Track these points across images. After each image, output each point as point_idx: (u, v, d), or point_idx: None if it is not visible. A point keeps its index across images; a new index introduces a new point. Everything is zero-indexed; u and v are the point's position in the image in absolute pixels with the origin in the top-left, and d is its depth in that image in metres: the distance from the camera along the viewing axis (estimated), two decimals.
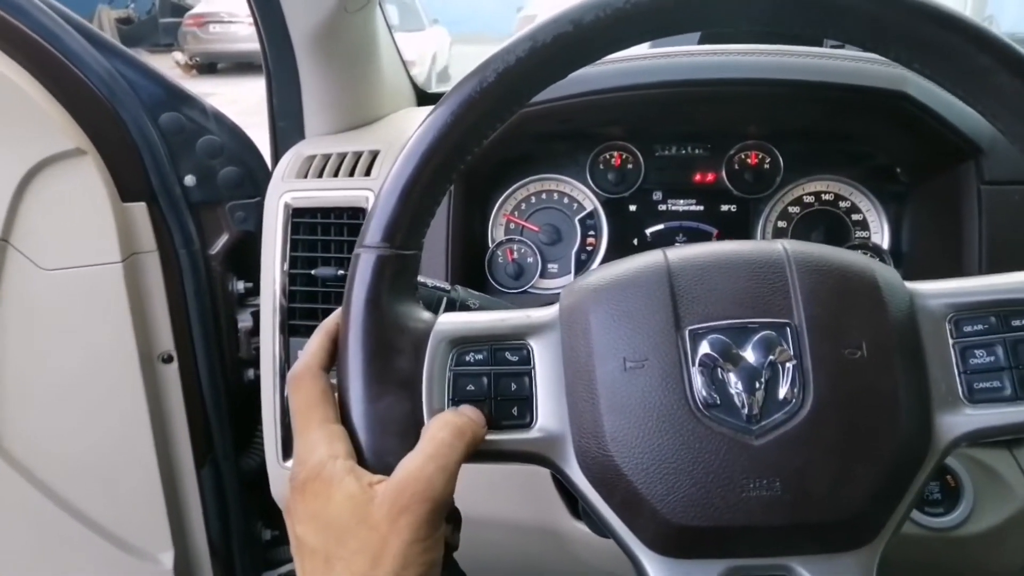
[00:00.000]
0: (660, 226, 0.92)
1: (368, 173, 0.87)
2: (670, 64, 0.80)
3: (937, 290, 0.47)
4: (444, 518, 0.43)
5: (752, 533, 0.42)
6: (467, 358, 0.47)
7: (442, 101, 0.47)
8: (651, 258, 0.48)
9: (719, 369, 0.43)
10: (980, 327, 0.45)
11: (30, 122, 0.91)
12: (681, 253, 0.48)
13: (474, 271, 0.92)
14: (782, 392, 0.43)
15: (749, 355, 0.44)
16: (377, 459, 0.44)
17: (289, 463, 0.90)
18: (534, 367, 0.47)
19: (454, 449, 0.43)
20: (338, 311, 0.48)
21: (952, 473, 0.72)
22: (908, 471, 0.43)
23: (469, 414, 0.45)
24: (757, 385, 0.43)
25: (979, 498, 0.71)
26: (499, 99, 0.47)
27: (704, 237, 0.91)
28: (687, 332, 0.44)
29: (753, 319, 0.44)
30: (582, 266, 0.93)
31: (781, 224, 0.89)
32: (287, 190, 0.88)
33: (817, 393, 0.42)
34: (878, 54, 0.45)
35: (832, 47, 0.82)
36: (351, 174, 0.88)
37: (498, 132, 0.48)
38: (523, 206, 0.94)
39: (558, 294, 0.48)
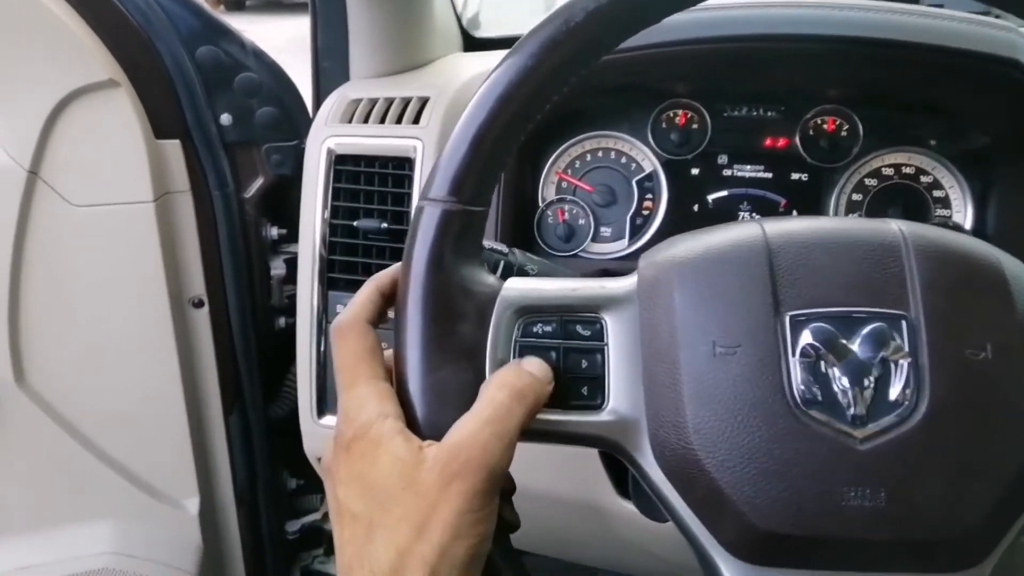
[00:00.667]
0: (724, 192, 0.86)
1: (416, 121, 0.82)
2: (749, 16, 0.73)
3: None
4: (499, 490, 0.40)
5: (847, 546, 0.38)
6: (535, 329, 0.43)
7: (521, 42, 0.42)
8: (747, 230, 0.43)
9: (822, 362, 0.39)
10: None
11: (62, 50, 0.86)
12: (781, 227, 0.43)
13: (522, 232, 0.87)
14: (894, 393, 0.38)
15: (857, 348, 0.39)
16: (433, 431, 0.41)
17: (324, 419, 0.87)
18: (607, 344, 0.43)
19: (512, 414, 0.40)
20: (393, 266, 0.45)
21: None
22: None
23: (533, 370, 0.42)
24: (866, 383, 0.38)
25: None
26: (586, 42, 0.43)
27: (771, 207, 0.85)
28: (787, 318, 0.40)
29: (864, 308, 0.40)
30: (637, 231, 0.88)
31: (856, 197, 0.83)
32: (331, 135, 0.83)
33: (934, 396, 0.38)
34: (989, 4, 0.39)
35: (931, 4, 0.75)
36: (398, 121, 0.82)
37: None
38: (577, 164, 0.88)
39: (609, 259, 0.44)
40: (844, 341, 0.39)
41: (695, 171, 0.87)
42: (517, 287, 0.45)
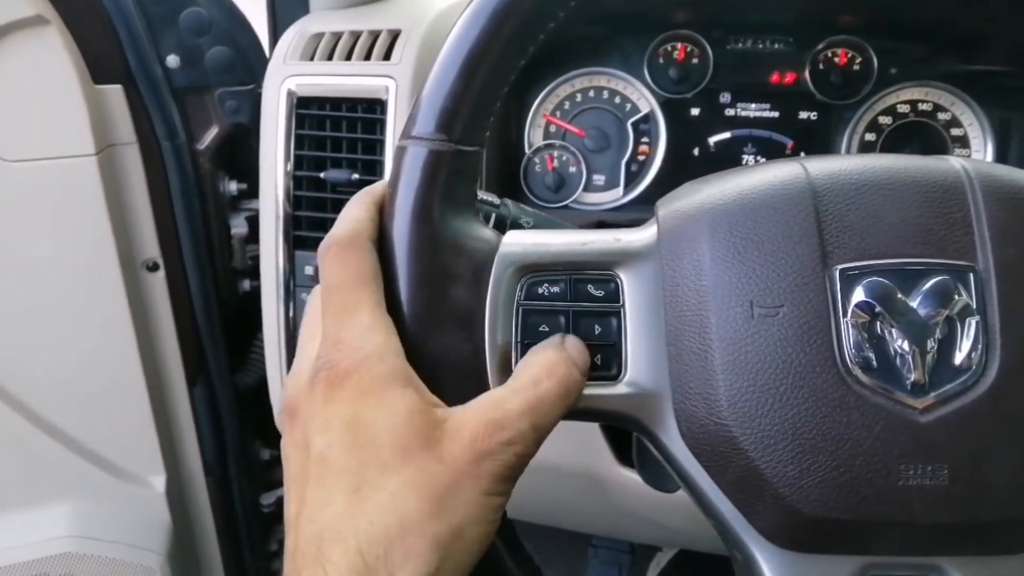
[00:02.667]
0: (726, 134, 0.79)
1: (387, 57, 0.73)
2: None
3: None
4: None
5: (904, 529, 0.34)
6: (539, 290, 0.38)
7: None
8: (787, 171, 0.38)
9: (878, 322, 0.34)
10: None
11: None
12: (827, 166, 0.38)
13: (507, 181, 0.79)
14: (959, 356, 0.34)
15: (918, 306, 0.34)
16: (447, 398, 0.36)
17: None
18: (624, 305, 0.38)
19: (555, 410, 0.35)
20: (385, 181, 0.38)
21: None
22: None
23: (577, 360, 0.36)
24: (928, 345, 0.34)
25: None
26: None
27: (777, 149, 0.78)
28: (837, 272, 0.35)
29: (925, 260, 0.35)
30: (632, 179, 0.80)
31: (869, 137, 0.77)
32: (290, 74, 0.74)
33: (1004, 360, 0.33)
34: None
35: None
36: (367, 57, 0.73)
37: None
38: (566, 105, 0.81)
39: (603, 210, 0.39)
40: (903, 297, 0.34)
41: (695, 111, 0.80)
42: (518, 241, 0.39)
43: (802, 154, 0.79)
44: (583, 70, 0.80)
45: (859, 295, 0.34)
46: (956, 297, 0.34)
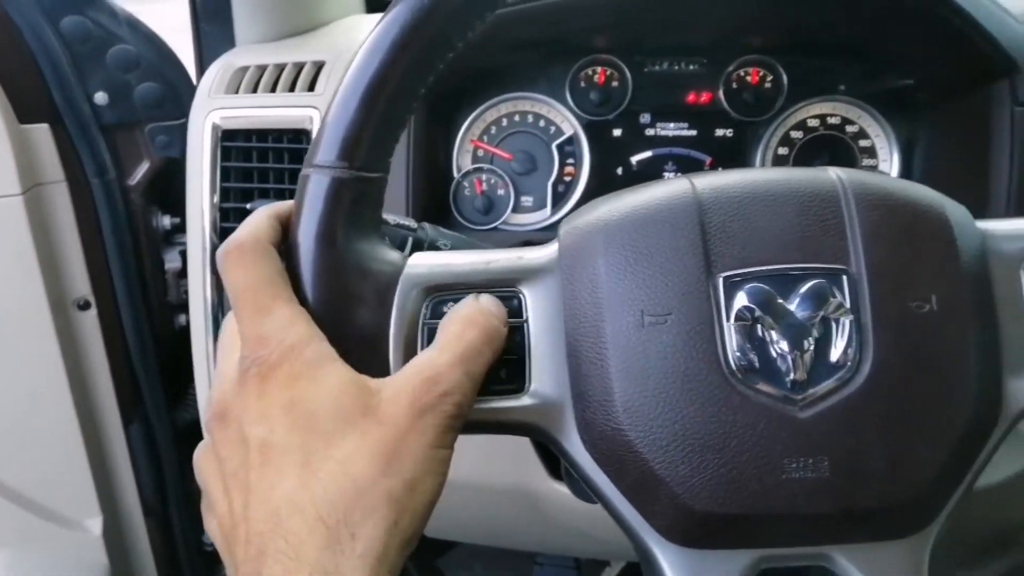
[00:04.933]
0: (648, 153, 0.82)
1: (312, 88, 0.74)
2: None
3: (1012, 231, 0.39)
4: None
5: (790, 521, 0.36)
6: (445, 309, 0.39)
7: None
8: (675, 187, 0.40)
9: (759, 325, 0.36)
10: None
11: None
12: (712, 181, 0.40)
13: (437, 206, 0.80)
14: (835, 354, 0.35)
15: (796, 308, 0.36)
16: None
17: None
18: (527, 320, 0.39)
19: (482, 355, 0.37)
20: (288, 203, 0.39)
21: None
22: (973, 445, 0.37)
23: (494, 311, 0.38)
24: (805, 345, 0.36)
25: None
26: None
27: (696, 166, 0.81)
28: (720, 280, 0.37)
29: (802, 265, 0.37)
30: (559, 199, 0.82)
31: (782, 151, 0.80)
32: (215, 108, 0.74)
33: (877, 355, 0.35)
34: None
35: None
36: (291, 89, 0.74)
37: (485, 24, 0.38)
38: (493, 130, 0.82)
39: (532, 231, 0.40)
40: (781, 301, 0.36)
41: (617, 132, 0.82)
42: (423, 263, 0.40)
43: (719, 169, 0.81)
44: (508, 95, 0.82)
45: (741, 300, 0.36)
46: (831, 299, 0.36)
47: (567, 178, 0.82)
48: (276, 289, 0.36)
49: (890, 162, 0.78)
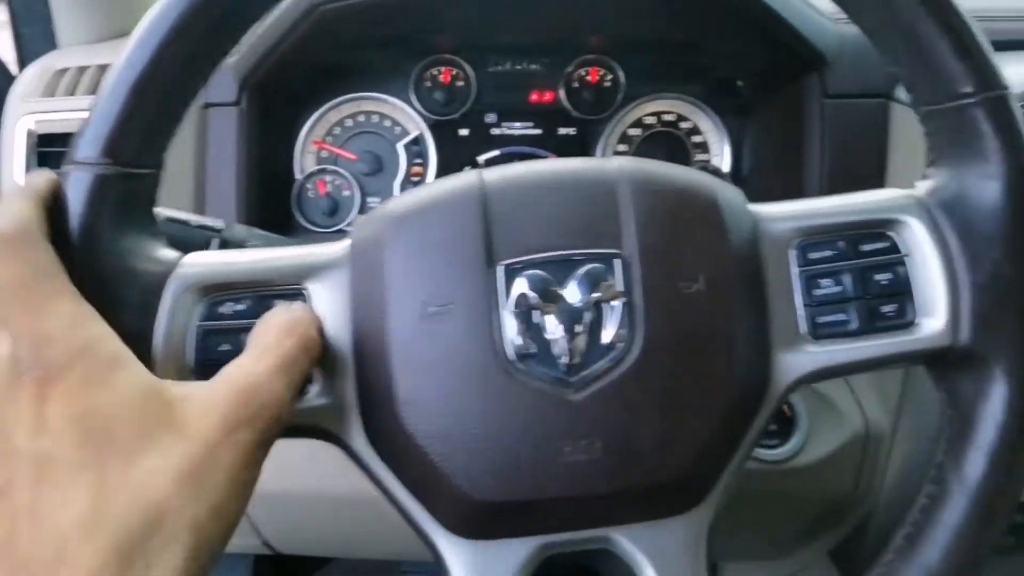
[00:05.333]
0: (494, 152, 0.83)
1: None
2: None
3: (783, 212, 0.41)
4: None
5: (568, 504, 0.36)
6: (222, 309, 0.38)
7: None
8: (463, 179, 0.40)
9: (536, 311, 0.36)
10: (828, 253, 0.40)
11: None
12: (500, 173, 0.40)
13: (278, 210, 0.78)
14: (607, 336, 0.36)
15: (570, 293, 0.36)
16: None
17: None
18: None
19: (299, 364, 0.35)
20: (45, 173, 0.36)
21: (788, 404, 0.69)
22: (743, 420, 0.38)
23: (310, 318, 0.37)
24: (578, 329, 0.36)
25: (813, 428, 0.69)
26: None
27: None
28: (500, 268, 0.37)
29: (578, 250, 0.37)
30: None
31: (621, 148, 0.82)
32: (28, 112, 0.70)
33: (647, 336, 0.36)
34: None
35: None
36: (93, 92, 0.71)
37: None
38: (337, 131, 0.81)
39: None
40: (557, 287, 0.37)
41: (464, 131, 0.82)
42: (199, 261, 0.39)
43: None
44: (352, 95, 0.81)
45: (521, 287, 0.36)
46: (604, 282, 0.36)
47: (415, 178, 0.82)
48: (54, 283, 0.32)
49: (722, 156, 0.82)
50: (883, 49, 0.39)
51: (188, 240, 0.50)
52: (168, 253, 0.39)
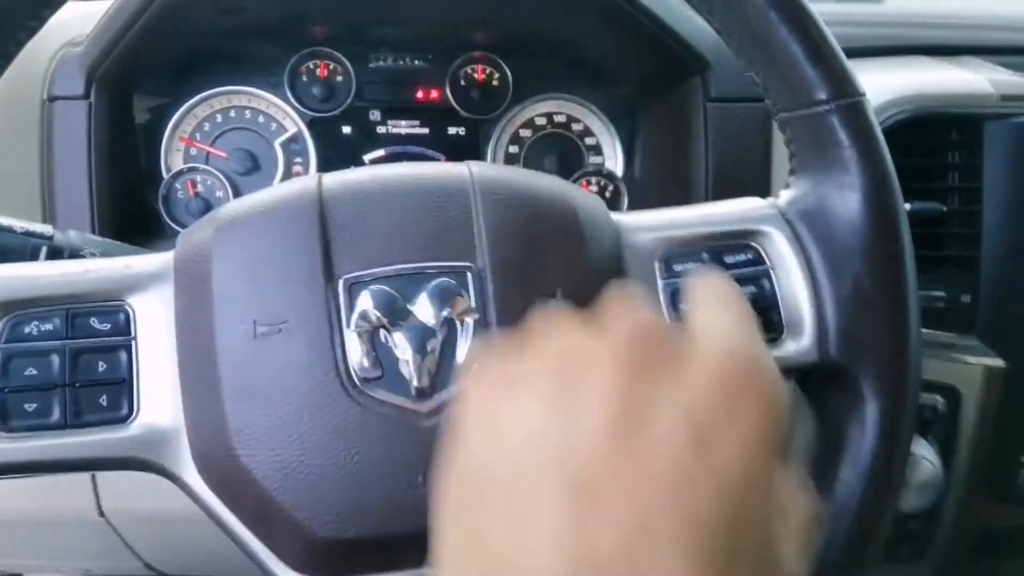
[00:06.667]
0: (380, 151, 0.79)
1: None
2: None
3: (646, 222, 0.40)
4: None
5: (422, 540, 0.33)
6: (27, 329, 0.34)
7: None
8: (299, 184, 0.37)
9: (382, 330, 0.34)
10: (691, 265, 0.39)
11: None
12: (341, 178, 0.37)
13: (143, 212, 0.72)
14: (461, 355, 0.34)
15: (420, 310, 0.34)
16: None
17: None
18: (135, 337, 0.35)
19: None
20: None
21: None
22: None
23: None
24: (429, 348, 0.34)
25: None
26: None
27: None
28: (341, 283, 0.34)
29: (427, 263, 0.35)
30: None
31: (513, 149, 0.80)
32: None
33: None
34: None
35: None
36: None
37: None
38: (206, 127, 0.76)
39: None
40: (406, 304, 0.34)
41: (346, 129, 0.78)
42: (3, 275, 0.35)
43: None
44: (220, 89, 0.75)
45: (364, 303, 0.34)
46: (457, 298, 0.34)
47: (296, 177, 0.77)
48: None
49: (615, 159, 0.81)
50: (739, 54, 0.39)
51: (11, 249, 0.45)
52: None
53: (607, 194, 0.79)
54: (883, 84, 0.63)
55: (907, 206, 0.56)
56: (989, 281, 0.63)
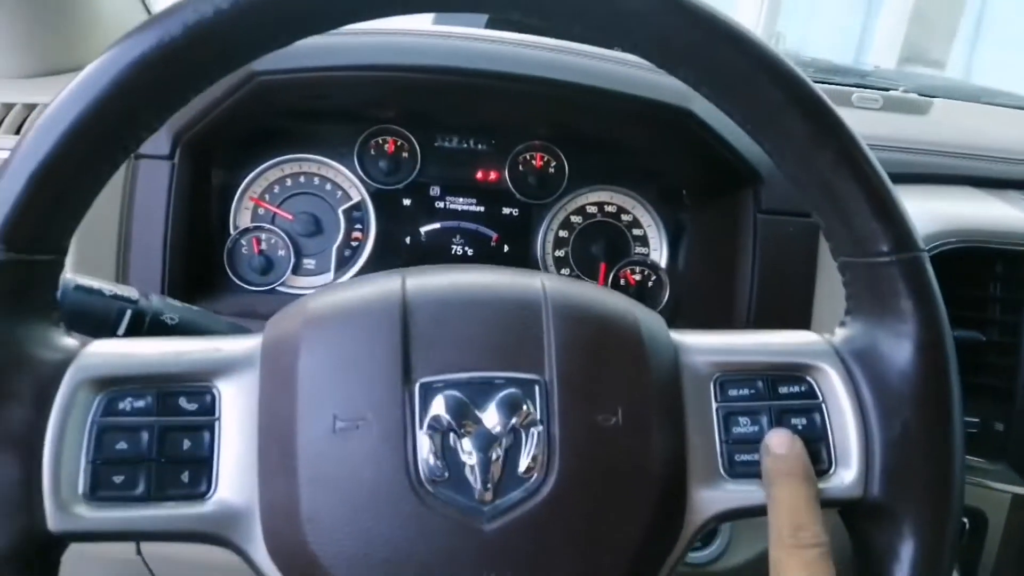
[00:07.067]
0: (436, 225, 0.82)
1: None
2: (444, 47, 0.69)
3: (704, 345, 0.42)
4: None
5: None
6: (121, 405, 0.36)
7: (107, 50, 0.34)
8: (386, 284, 0.39)
9: (452, 434, 0.35)
10: (746, 391, 0.40)
11: None
12: (423, 282, 0.39)
13: (209, 265, 0.76)
14: (523, 464, 0.35)
15: (488, 418, 0.36)
16: None
17: None
18: (219, 418, 0.37)
19: None
20: None
21: None
22: (658, 555, 0.38)
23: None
24: (494, 455, 0.35)
25: (736, 533, 0.70)
26: (188, 61, 0.35)
27: (484, 241, 0.82)
28: (417, 386, 0.36)
29: (499, 373, 0.36)
30: (345, 263, 0.81)
31: (563, 233, 0.83)
32: None
33: (563, 468, 0.35)
34: (666, 71, 0.39)
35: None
36: (17, 132, 0.68)
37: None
38: (276, 189, 0.80)
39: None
40: (476, 411, 0.36)
41: (407, 202, 0.82)
42: (100, 352, 0.37)
43: (505, 247, 0.83)
44: (293, 156, 0.79)
45: (437, 408, 0.35)
46: (524, 408, 0.36)
47: (354, 243, 0.81)
48: None
49: (660, 251, 0.83)
50: (804, 199, 0.41)
51: (97, 311, 0.48)
52: (67, 341, 0.37)
53: (650, 283, 0.82)
54: (931, 213, 0.66)
55: None
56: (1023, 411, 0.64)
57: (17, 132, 0.68)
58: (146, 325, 0.49)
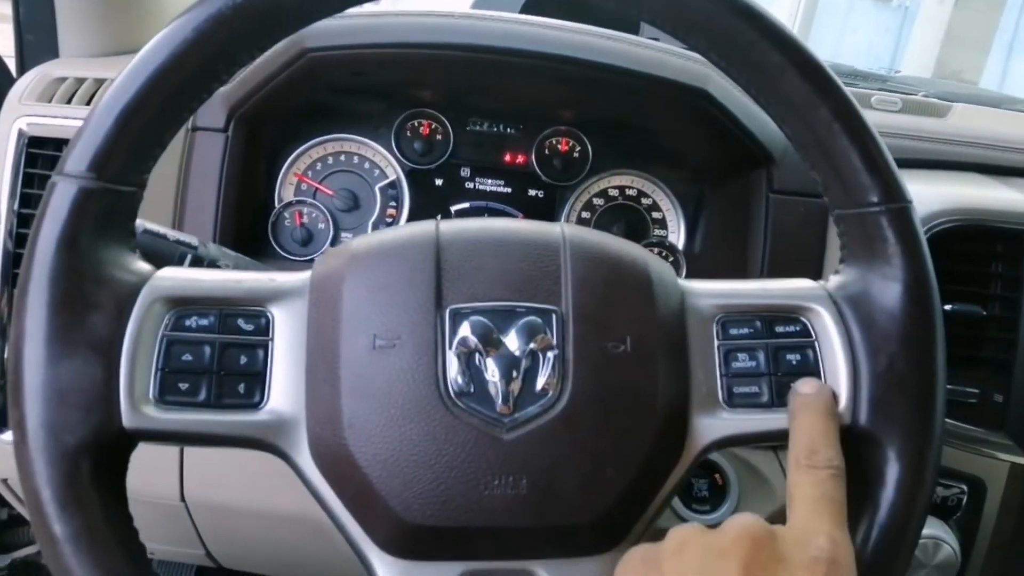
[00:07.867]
0: (465, 204, 0.87)
1: None
2: (479, 27, 0.74)
3: (708, 290, 0.46)
4: None
5: (493, 534, 0.39)
6: (187, 322, 0.41)
7: (186, 11, 0.40)
8: (422, 228, 0.44)
9: (477, 354, 0.40)
10: (745, 331, 0.44)
11: None
12: (455, 226, 0.44)
13: (254, 234, 0.82)
14: (540, 383, 0.40)
15: (510, 341, 0.40)
16: (51, 435, 0.37)
17: (4, 435, 0.76)
18: (272, 339, 0.41)
19: None
20: None
21: (720, 471, 0.73)
22: (660, 473, 0.42)
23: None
24: (514, 374, 0.40)
25: (744, 496, 0.73)
26: (257, 20, 0.41)
27: None
28: (448, 312, 0.40)
29: (520, 303, 0.41)
30: None
31: (585, 215, 0.88)
32: (24, 114, 0.73)
33: (575, 387, 0.40)
34: (677, 39, 0.43)
35: (650, 37, 0.81)
36: (88, 103, 0.74)
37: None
38: (318, 166, 0.85)
39: None
40: (499, 335, 0.40)
41: (439, 181, 0.87)
42: (171, 276, 0.42)
43: None
44: (335, 135, 0.85)
45: (464, 331, 0.40)
46: (541, 334, 0.40)
47: (389, 219, 0.86)
48: None
49: (678, 234, 0.88)
50: (803, 156, 0.45)
51: (163, 253, 0.54)
52: (142, 265, 0.42)
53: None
54: (937, 194, 0.69)
55: (949, 307, 0.61)
56: (1022, 383, 0.67)
57: (88, 103, 0.74)
58: (204, 266, 0.55)
